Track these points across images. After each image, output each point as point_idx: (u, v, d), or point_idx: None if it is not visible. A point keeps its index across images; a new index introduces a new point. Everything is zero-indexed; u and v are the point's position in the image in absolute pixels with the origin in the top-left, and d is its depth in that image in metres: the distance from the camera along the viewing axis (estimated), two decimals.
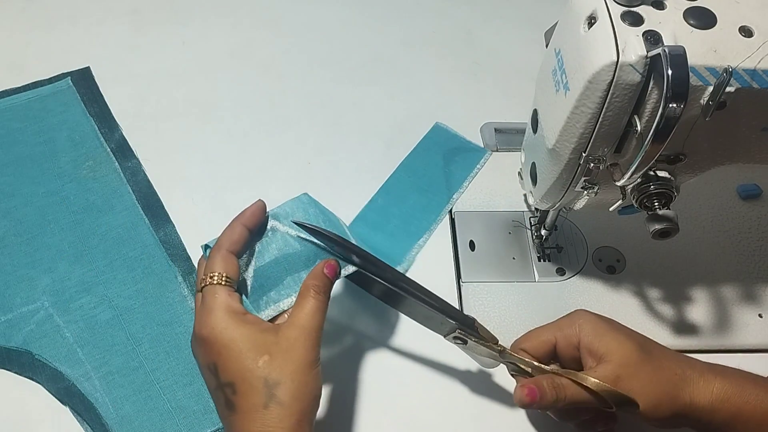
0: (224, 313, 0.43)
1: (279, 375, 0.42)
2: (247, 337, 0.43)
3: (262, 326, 0.44)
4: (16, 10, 0.78)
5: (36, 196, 0.63)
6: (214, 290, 0.44)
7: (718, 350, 0.58)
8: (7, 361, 0.54)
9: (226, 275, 0.45)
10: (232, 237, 0.47)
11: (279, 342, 0.43)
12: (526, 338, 0.49)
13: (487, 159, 0.67)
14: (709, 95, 0.41)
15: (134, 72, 0.74)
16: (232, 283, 0.45)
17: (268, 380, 0.42)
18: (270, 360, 0.42)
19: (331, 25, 0.80)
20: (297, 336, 0.43)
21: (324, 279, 0.46)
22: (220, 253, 0.46)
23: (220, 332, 0.43)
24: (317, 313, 0.45)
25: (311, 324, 0.44)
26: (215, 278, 0.45)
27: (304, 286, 0.46)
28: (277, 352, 0.42)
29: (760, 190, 0.67)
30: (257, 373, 0.42)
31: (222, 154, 0.68)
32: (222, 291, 0.44)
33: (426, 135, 0.69)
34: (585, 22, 0.42)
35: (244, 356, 0.42)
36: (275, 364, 0.42)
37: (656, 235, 0.48)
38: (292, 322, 0.44)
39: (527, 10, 0.83)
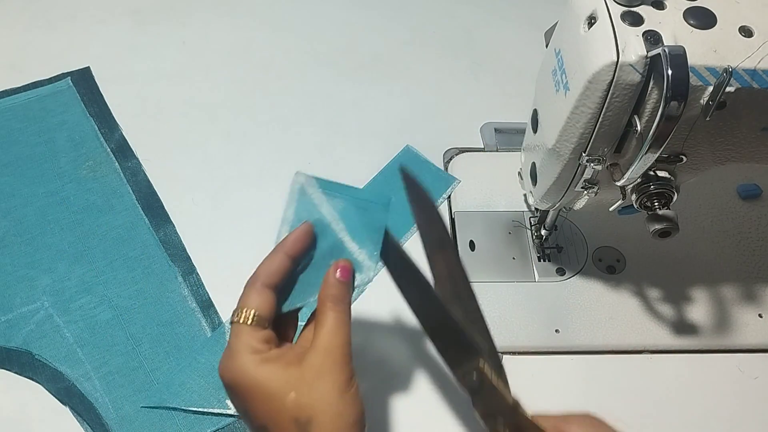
0: (246, 355, 0.40)
1: (309, 412, 0.39)
2: (271, 375, 0.39)
3: (287, 358, 0.40)
4: (16, 10, 0.78)
5: (36, 196, 0.63)
6: (238, 330, 0.41)
7: (718, 350, 0.58)
8: (7, 361, 0.54)
9: (256, 312, 0.41)
10: (270, 268, 0.42)
11: (303, 375, 0.39)
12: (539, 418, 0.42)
13: (454, 188, 0.64)
14: (709, 95, 0.41)
15: (134, 72, 0.74)
16: (261, 321, 0.41)
17: (299, 420, 0.38)
18: (297, 397, 0.39)
19: (331, 25, 0.80)
20: (321, 363, 0.40)
21: (339, 286, 0.42)
22: (254, 287, 0.42)
23: (243, 376, 0.40)
24: (339, 329, 0.41)
25: (334, 343, 0.40)
26: (242, 316, 0.41)
27: (320, 300, 0.42)
28: (303, 386, 0.39)
29: (760, 190, 0.67)
30: (286, 414, 0.39)
31: (222, 154, 0.68)
32: (245, 331, 0.41)
33: (394, 157, 0.68)
34: (585, 22, 0.42)
35: (271, 398, 0.39)
36: (303, 400, 0.39)
37: (656, 235, 0.48)
38: (314, 346, 0.40)
39: (527, 10, 0.83)
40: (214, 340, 0.56)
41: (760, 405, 0.56)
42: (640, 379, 0.56)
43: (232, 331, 0.41)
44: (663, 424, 0.55)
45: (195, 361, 0.54)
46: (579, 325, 0.58)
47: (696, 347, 0.58)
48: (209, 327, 0.57)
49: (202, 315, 0.57)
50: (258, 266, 0.43)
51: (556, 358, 0.57)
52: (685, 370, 0.57)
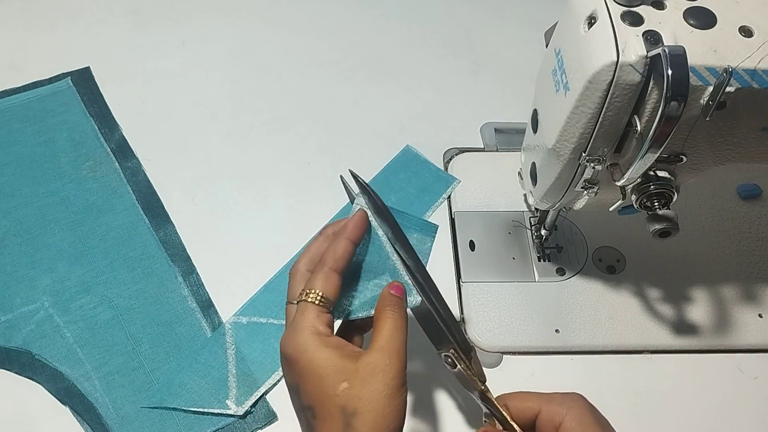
0: (309, 334, 0.42)
1: (357, 404, 0.40)
2: (328, 361, 0.41)
3: (345, 350, 0.42)
4: (16, 10, 0.78)
5: (36, 196, 0.63)
6: (305, 308, 0.43)
7: (718, 350, 0.58)
8: (7, 361, 0.54)
9: (323, 295, 0.43)
10: (336, 253, 0.44)
11: (359, 369, 0.41)
12: (513, 396, 0.46)
13: (454, 188, 0.63)
14: (709, 95, 0.41)
15: (134, 72, 0.74)
16: (327, 303, 0.43)
17: (346, 409, 0.40)
18: (349, 388, 0.40)
19: (331, 25, 0.80)
20: (377, 362, 0.41)
21: (394, 298, 0.44)
22: (322, 271, 0.44)
23: (302, 353, 0.41)
24: (397, 332, 0.42)
25: (391, 344, 0.42)
26: (311, 296, 0.43)
27: (378, 309, 0.44)
28: (356, 379, 0.40)
29: (760, 190, 0.67)
30: (336, 400, 0.40)
31: (222, 154, 0.68)
32: (312, 310, 0.43)
33: (394, 157, 0.67)
34: (585, 22, 0.42)
35: (323, 381, 0.41)
36: (354, 392, 0.40)
37: (656, 235, 0.48)
38: (373, 347, 0.42)
39: (527, 10, 0.83)
40: (214, 340, 0.56)
41: (760, 405, 0.56)
42: (640, 379, 0.56)
43: (299, 309, 0.43)
44: (663, 424, 0.55)
45: (195, 361, 0.54)
46: (579, 325, 0.58)
47: (696, 347, 0.58)
48: (209, 327, 0.57)
49: (202, 315, 0.57)
50: (325, 252, 0.45)
51: (556, 358, 0.57)
52: (685, 370, 0.57)
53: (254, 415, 0.53)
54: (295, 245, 0.62)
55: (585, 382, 0.56)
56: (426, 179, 0.66)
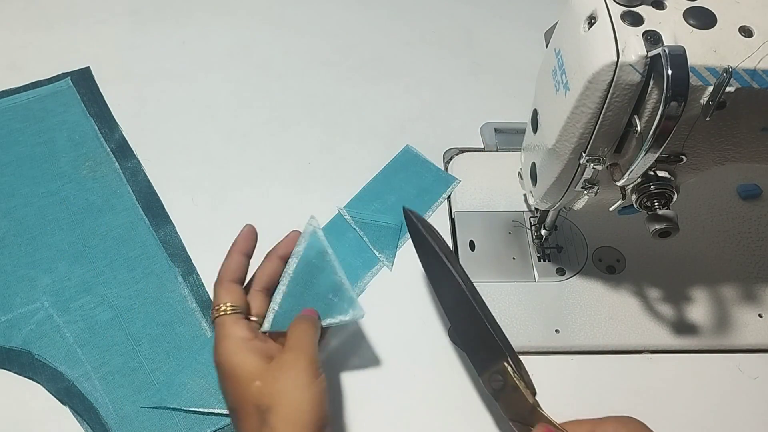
0: (229, 341, 0.45)
1: (269, 400, 0.42)
2: (245, 363, 0.44)
3: (264, 353, 0.45)
4: (16, 10, 0.78)
5: (36, 196, 0.63)
6: (221, 321, 0.47)
7: (718, 350, 0.58)
8: (7, 361, 0.54)
9: (231, 304, 0.47)
10: (230, 266, 0.49)
11: (270, 368, 0.44)
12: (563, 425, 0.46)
13: (454, 188, 0.65)
14: (709, 95, 0.41)
15: (134, 72, 0.74)
16: (238, 309, 0.47)
17: (260, 406, 0.42)
18: (261, 386, 0.43)
19: (331, 25, 0.80)
20: (286, 359, 0.44)
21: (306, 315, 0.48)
22: (222, 285, 0.48)
23: (225, 360, 0.45)
24: (306, 332, 0.46)
25: (300, 343, 0.45)
26: (221, 309, 0.47)
27: (292, 323, 0.48)
28: (268, 377, 0.43)
29: (760, 190, 0.67)
30: (250, 399, 0.43)
31: (222, 154, 0.68)
32: (227, 321, 0.46)
33: (394, 157, 0.68)
34: (585, 22, 0.42)
35: (240, 383, 0.44)
36: (266, 389, 0.43)
37: (656, 235, 0.48)
38: (286, 346, 0.45)
39: (527, 10, 0.83)
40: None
41: (760, 405, 0.56)
42: (640, 379, 0.56)
43: (217, 324, 0.47)
44: (663, 424, 0.54)
45: (195, 361, 0.54)
46: (579, 325, 0.58)
47: (696, 347, 0.58)
48: (209, 327, 0.57)
49: (202, 315, 0.57)
50: (220, 268, 0.49)
51: (556, 358, 0.57)
52: (685, 370, 0.57)
53: None
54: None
55: (585, 383, 0.56)
56: (426, 179, 0.66)
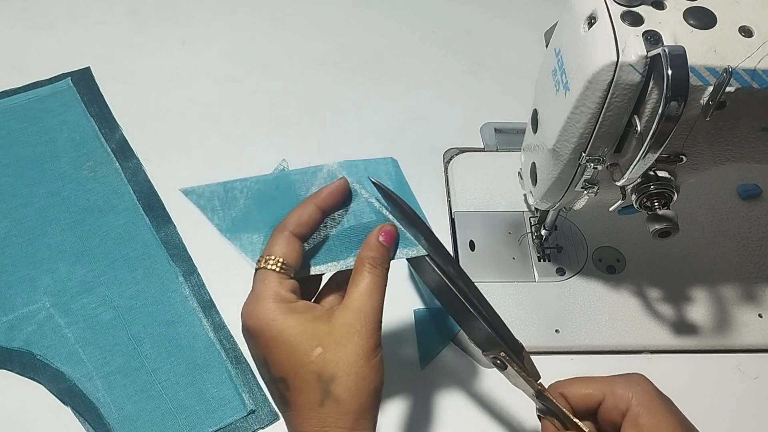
0: (273, 302, 0.39)
1: (334, 369, 0.38)
2: (298, 327, 0.38)
3: (314, 313, 0.40)
4: (16, 10, 0.78)
5: (37, 196, 0.63)
6: (265, 275, 0.40)
7: (718, 350, 0.58)
8: (9, 361, 0.54)
9: (284, 260, 0.40)
10: (301, 218, 0.42)
11: (332, 331, 0.38)
12: (570, 384, 0.43)
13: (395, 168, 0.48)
14: (709, 95, 0.41)
15: (134, 72, 0.74)
16: (288, 270, 0.40)
17: (323, 375, 0.38)
18: (323, 353, 0.38)
19: (331, 25, 0.80)
20: (352, 322, 0.39)
21: (380, 249, 0.41)
22: (282, 235, 0.41)
23: (268, 324, 0.39)
24: (374, 292, 0.40)
25: (368, 306, 0.39)
26: (270, 262, 0.40)
27: (359, 259, 0.41)
28: (331, 343, 0.38)
29: (760, 190, 0.67)
30: (310, 368, 0.38)
31: (222, 154, 0.68)
32: (273, 278, 0.40)
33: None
34: (585, 22, 0.42)
35: (295, 350, 0.38)
36: (329, 356, 0.38)
37: (656, 235, 0.48)
38: (346, 305, 0.40)
39: (527, 10, 0.83)
40: (212, 357, 0.56)
41: (760, 405, 0.56)
42: None
43: (258, 277, 0.41)
44: None
45: (202, 380, 0.54)
46: (579, 325, 0.58)
47: (696, 347, 0.58)
48: (210, 327, 0.57)
49: (204, 315, 0.57)
50: (288, 215, 0.42)
51: (556, 358, 0.57)
52: (685, 370, 0.57)
53: (257, 415, 0.53)
54: None
55: None
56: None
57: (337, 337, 0.38)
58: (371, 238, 0.42)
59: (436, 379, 0.56)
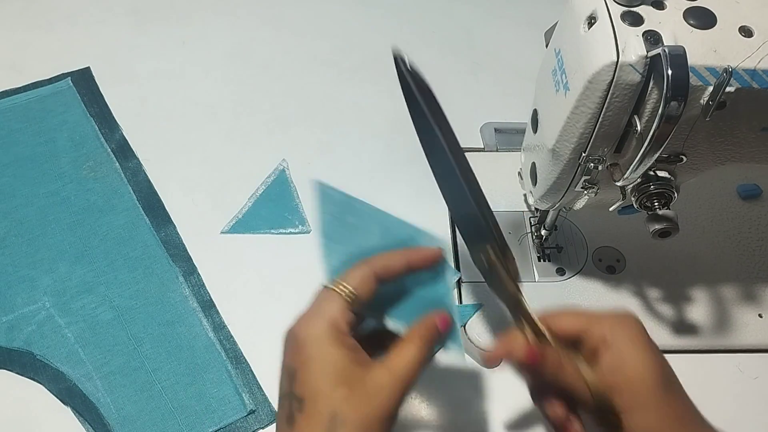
0: (327, 325, 0.39)
1: (349, 415, 0.38)
2: (337, 360, 0.39)
3: (357, 356, 0.40)
4: (16, 10, 0.78)
5: (37, 196, 0.63)
6: (332, 297, 0.41)
7: (718, 350, 0.58)
8: (9, 361, 0.54)
9: (354, 293, 0.41)
10: (388, 263, 0.42)
11: (365, 381, 0.39)
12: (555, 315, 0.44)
13: None
14: (709, 95, 0.41)
15: (134, 72, 0.74)
16: (354, 302, 0.41)
17: (337, 416, 0.38)
18: (348, 396, 0.38)
19: (331, 25, 0.80)
20: (386, 382, 0.39)
21: (434, 331, 0.42)
22: (364, 269, 0.42)
23: (315, 341, 0.39)
24: (417, 364, 0.40)
25: (406, 374, 0.40)
26: (341, 287, 0.41)
27: (413, 330, 0.42)
28: (358, 390, 0.38)
29: (760, 190, 0.67)
30: (329, 402, 0.38)
31: (222, 154, 0.68)
32: (338, 302, 0.40)
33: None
34: (585, 22, 0.42)
35: (324, 378, 0.38)
36: (351, 402, 0.38)
37: (656, 235, 0.48)
38: (387, 366, 0.40)
39: (527, 10, 0.83)
40: (212, 357, 0.56)
41: (760, 405, 0.56)
42: None
43: (324, 295, 0.41)
44: None
45: (202, 380, 0.54)
46: None
47: (696, 347, 0.58)
48: (210, 327, 0.57)
49: (204, 315, 0.57)
50: (377, 255, 0.43)
51: None
52: (685, 370, 0.57)
53: (257, 415, 0.53)
54: (295, 245, 0.62)
55: None
56: None
57: (367, 388, 0.39)
58: (432, 317, 0.43)
59: (436, 378, 0.56)
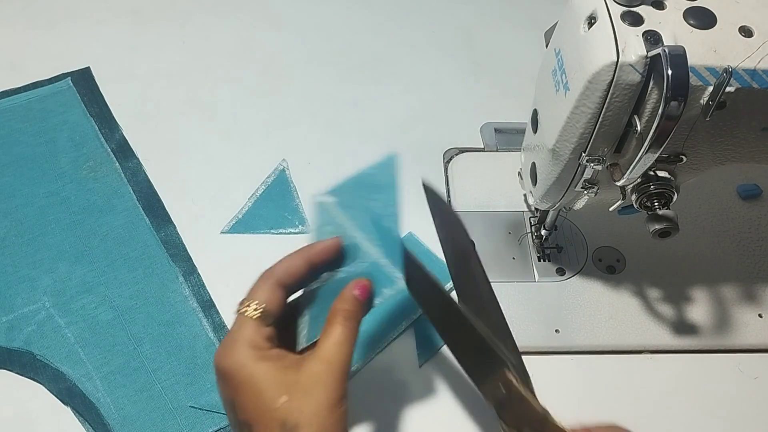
0: (246, 348, 0.40)
1: (297, 417, 0.38)
2: (267, 374, 0.40)
3: (285, 362, 0.41)
4: (16, 10, 0.78)
5: (37, 196, 0.63)
6: (242, 321, 0.41)
7: (718, 350, 0.58)
8: (9, 361, 0.54)
9: (264, 308, 0.41)
10: (289, 269, 0.43)
11: (300, 380, 0.39)
12: None
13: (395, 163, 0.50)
14: (709, 95, 0.41)
15: (134, 72, 0.74)
16: (267, 317, 0.42)
17: (286, 423, 0.38)
18: (289, 401, 0.39)
19: (332, 25, 0.80)
20: (320, 372, 0.40)
21: (354, 302, 0.42)
22: (268, 282, 0.42)
23: (239, 368, 0.40)
24: (344, 344, 0.41)
25: (337, 357, 0.40)
26: (250, 308, 0.42)
27: (332, 311, 0.42)
28: (297, 391, 0.39)
29: (760, 190, 0.67)
30: (275, 414, 0.39)
31: (222, 154, 0.68)
32: (250, 324, 0.41)
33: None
34: (585, 22, 0.42)
35: (262, 395, 0.39)
36: (294, 405, 0.39)
37: (656, 235, 0.48)
38: (317, 355, 0.41)
39: (527, 10, 0.83)
40: None
41: (760, 405, 0.56)
42: (640, 379, 0.57)
43: (237, 321, 0.42)
44: (663, 424, 0.55)
45: None
46: (579, 325, 0.58)
47: (696, 347, 0.58)
48: (210, 327, 0.57)
49: (204, 315, 0.57)
50: (276, 263, 0.43)
51: (556, 358, 0.57)
52: (685, 370, 0.57)
53: None
54: (295, 246, 0.62)
55: (585, 382, 0.56)
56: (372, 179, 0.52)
57: (304, 386, 0.39)
58: (347, 290, 0.43)
59: (435, 377, 0.56)
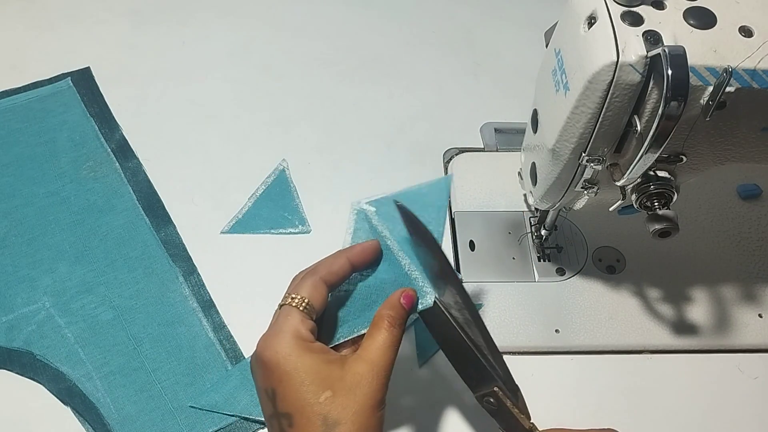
0: (291, 338, 0.41)
1: (340, 414, 0.39)
2: (312, 367, 0.40)
3: (329, 357, 0.41)
4: (16, 10, 0.78)
5: (37, 196, 0.63)
6: (288, 311, 0.42)
7: (718, 350, 0.58)
8: (9, 361, 0.54)
9: (308, 302, 0.42)
10: (332, 267, 0.44)
11: (344, 377, 0.40)
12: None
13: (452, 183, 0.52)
14: (709, 95, 0.41)
15: (134, 72, 0.74)
16: (311, 311, 0.42)
17: (328, 419, 0.39)
18: (332, 397, 0.39)
19: (332, 25, 0.80)
20: (364, 372, 0.40)
21: (400, 310, 0.43)
22: (312, 279, 0.43)
23: (284, 358, 0.40)
24: (390, 349, 0.41)
25: (382, 360, 0.41)
26: (296, 301, 0.42)
27: (378, 316, 0.43)
28: (341, 388, 0.39)
29: (760, 190, 0.67)
30: (317, 409, 0.39)
31: (222, 154, 0.68)
32: (296, 315, 0.42)
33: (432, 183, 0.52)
34: (585, 22, 0.42)
35: (305, 388, 0.39)
36: (337, 402, 0.39)
37: (656, 235, 0.48)
38: (361, 356, 0.41)
39: (527, 10, 0.83)
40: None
41: (760, 405, 0.56)
42: (640, 379, 0.57)
43: (282, 312, 0.42)
44: (663, 424, 0.55)
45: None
46: (579, 325, 0.58)
47: (696, 347, 0.58)
48: (210, 327, 0.57)
49: (204, 315, 0.57)
50: (318, 262, 0.45)
51: (556, 358, 0.57)
52: (685, 370, 0.57)
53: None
54: (295, 246, 0.62)
55: (585, 383, 0.56)
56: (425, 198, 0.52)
57: (349, 384, 0.40)
58: (393, 297, 0.44)
59: (434, 377, 0.56)
